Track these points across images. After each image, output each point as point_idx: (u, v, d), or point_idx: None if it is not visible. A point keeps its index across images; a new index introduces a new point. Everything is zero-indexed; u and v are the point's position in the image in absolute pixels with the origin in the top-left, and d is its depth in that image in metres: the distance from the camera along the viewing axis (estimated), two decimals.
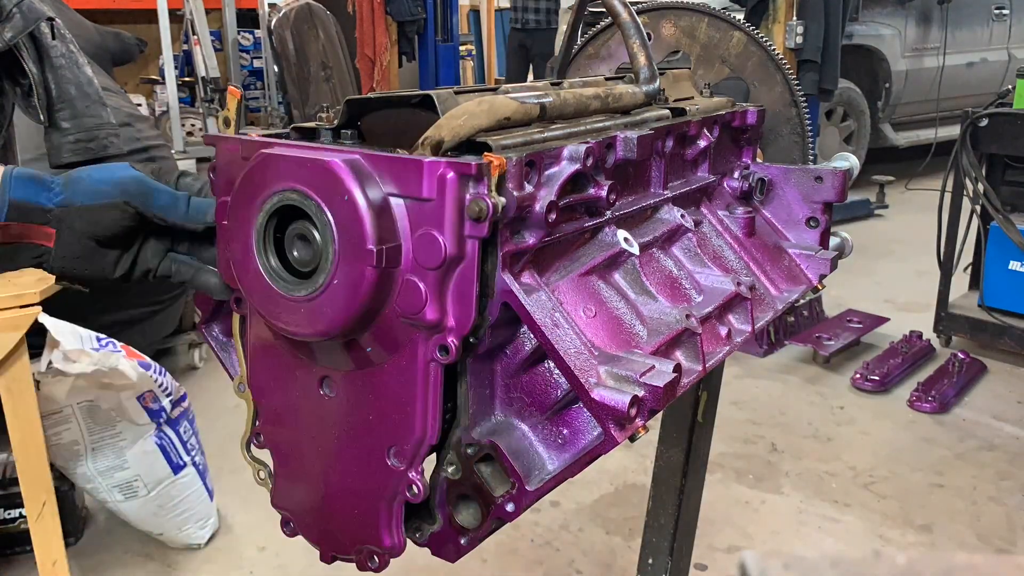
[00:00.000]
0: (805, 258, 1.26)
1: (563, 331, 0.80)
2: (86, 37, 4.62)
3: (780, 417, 3.71)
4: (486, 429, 0.83)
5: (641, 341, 0.90)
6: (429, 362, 0.78)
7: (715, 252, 1.15)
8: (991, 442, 3.48)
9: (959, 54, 7.75)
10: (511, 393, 0.85)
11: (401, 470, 0.82)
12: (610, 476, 3.19)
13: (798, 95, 1.34)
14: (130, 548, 2.83)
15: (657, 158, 1.07)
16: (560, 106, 0.94)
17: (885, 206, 7.23)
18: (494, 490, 0.82)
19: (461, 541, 0.85)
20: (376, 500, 0.85)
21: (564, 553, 2.77)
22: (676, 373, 0.80)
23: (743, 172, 1.28)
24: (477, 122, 0.81)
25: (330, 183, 0.74)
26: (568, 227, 0.88)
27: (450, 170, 0.73)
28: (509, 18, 8.25)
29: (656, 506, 1.45)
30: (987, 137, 4.01)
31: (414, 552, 0.89)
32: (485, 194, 0.73)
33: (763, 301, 1.15)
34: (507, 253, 0.78)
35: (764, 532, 2.90)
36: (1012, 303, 4.11)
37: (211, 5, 9.42)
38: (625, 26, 1.10)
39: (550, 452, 0.83)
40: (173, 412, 2.71)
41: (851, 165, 1.30)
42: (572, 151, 0.85)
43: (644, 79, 1.11)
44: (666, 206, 1.09)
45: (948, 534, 2.88)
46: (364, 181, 0.74)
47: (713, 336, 1.02)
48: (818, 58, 4.87)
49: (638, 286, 0.97)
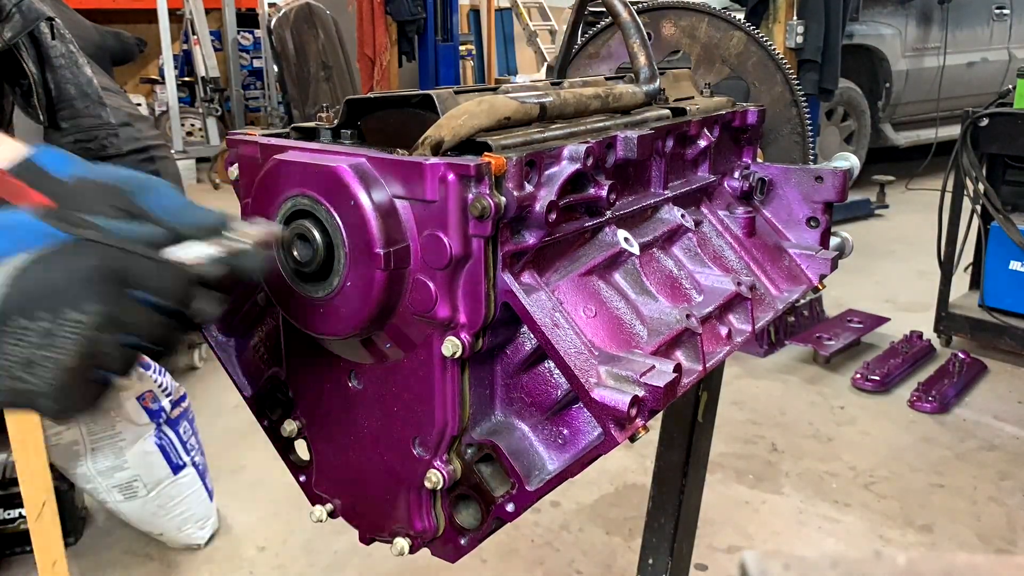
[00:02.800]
0: (805, 258, 1.25)
1: (563, 331, 0.80)
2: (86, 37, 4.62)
3: (780, 417, 3.71)
4: (486, 429, 0.84)
5: (641, 341, 0.89)
6: (444, 357, 0.80)
7: (715, 252, 1.15)
8: (991, 442, 3.47)
9: (959, 54, 7.74)
10: (511, 393, 0.85)
11: (427, 459, 0.84)
12: (610, 476, 3.19)
13: (798, 95, 1.34)
14: (130, 548, 2.83)
15: (657, 158, 1.07)
16: (560, 106, 0.94)
17: (885, 206, 7.23)
18: (494, 490, 0.82)
19: (461, 541, 0.86)
20: (405, 487, 0.87)
21: (564, 553, 2.77)
22: (676, 373, 0.80)
23: (743, 172, 1.28)
24: (477, 122, 0.81)
25: (337, 188, 0.75)
26: (568, 227, 0.88)
27: (450, 172, 0.74)
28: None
29: (656, 506, 1.45)
30: (987, 137, 4.00)
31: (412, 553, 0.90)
32: (487, 193, 0.74)
33: (763, 301, 1.15)
34: (507, 253, 0.79)
35: (764, 532, 2.90)
36: (1012, 303, 4.11)
37: (211, 5, 9.42)
38: (625, 26, 1.10)
39: (550, 452, 0.83)
40: (173, 412, 2.71)
41: (851, 165, 1.30)
42: (572, 151, 0.85)
43: (644, 79, 1.10)
44: (666, 206, 1.09)
45: (948, 534, 2.88)
46: (370, 185, 0.75)
47: (713, 336, 1.01)
48: (818, 58, 4.86)
49: (638, 286, 0.97)
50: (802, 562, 0.53)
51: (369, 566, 2.67)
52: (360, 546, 0.99)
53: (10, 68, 1.89)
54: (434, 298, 0.77)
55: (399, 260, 0.76)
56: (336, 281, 0.78)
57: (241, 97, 9.56)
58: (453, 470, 0.83)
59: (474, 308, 0.78)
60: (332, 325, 0.80)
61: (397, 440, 0.86)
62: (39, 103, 1.93)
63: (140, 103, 9.43)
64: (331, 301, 0.79)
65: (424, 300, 0.77)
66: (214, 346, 1.04)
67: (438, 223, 0.75)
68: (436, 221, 0.75)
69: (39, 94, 1.93)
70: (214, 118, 9.05)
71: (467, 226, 0.75)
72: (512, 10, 11.32)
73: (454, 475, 0.83)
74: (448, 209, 0.74)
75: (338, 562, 2.72)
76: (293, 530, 2.90)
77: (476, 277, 0.77)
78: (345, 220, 0.75)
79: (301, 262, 0.80)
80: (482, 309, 0.77)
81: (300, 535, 2.87)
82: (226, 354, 1.03)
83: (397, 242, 0.75)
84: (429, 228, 0.76)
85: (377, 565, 2.66)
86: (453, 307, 0.78)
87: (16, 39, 1.81)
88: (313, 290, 0.80)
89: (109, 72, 4.97)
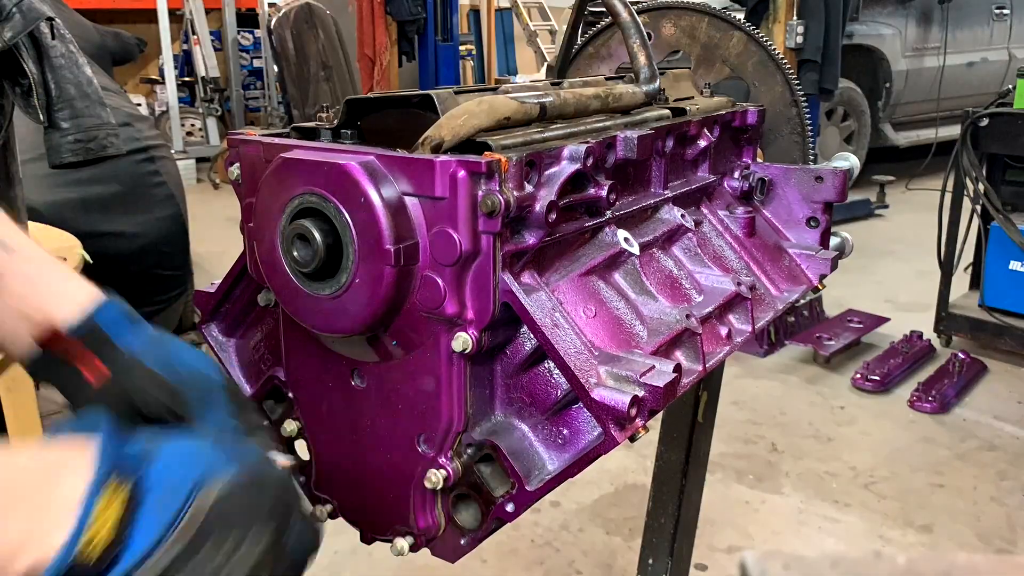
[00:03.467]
0: (805, 258, 1.25)
1: (563, 331, 0.80)
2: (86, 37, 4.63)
3: (780, 417, 3.71)
4: (486, 429, 0.84)
5: (641, 341, 0.90)
6: (452, 353, 0.80)
7: (715, 252, 1.15)
8: (991, 442, 3.47)
9: (959, 54, 7.74)
10: (511, 393, 0.85)
11: (431, 456, 0.84)
12: (610, 476, 3.19)
13: (798, 95, 1.34)
14: None
15: (657, 158, 1.07)
16: (560, 106, 0.94)
17: (885, 206, 7.23)
18: (494, 490, 0.83)
19: (461, 541, 0.86)
20: (409, 484, 0.87)
21: (564, 553, 2.77)
22: (676, 373, 0.80)
23: (743, 172, 1.28)
24: (477, 122, 0.81)
25: (347, 185, 0.75)
26: (568, 227, 0.88)
27: (461, 168, 0.75)
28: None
29: (656, 506, 1.45)
30: (987, 137, 4.00)
31: (413, 552, 0.90)
32: (496, 190, 0.74)
33: (763, 301, 1.15)
34: (507, 253, 0.79)
35: (764, 532, 2.90)
36: (1012, 303, 4.11)
37: (211, 5, 9.43)
38: (625, 26, 1.10)
39: (550, 452, 0.84)
40: None
41: (851, 165, 1.30)
42: (572, 151, 0.85)
43: (644, 79, 1.11)
44: (666, 206, 1.09)
45: (948, 534, 2.88)
46: (379, 182, 0.76)
47: (713, 336, 1.02)
48: (818, 58, 4.86)
49: (638, 286, 0.97)
50: (802, 562, 0.53)
51: (369, 566, 2.66)
52: (360, 547, 0.99)
53: (10, 68, 1.89)
54: (443, 294, 0.77)
55: (408, 256, 0.76)
56: (344, 278, 0.78)
57: (241, 97, 9.57)
58: (456, 467, 0.83)
59: (482, 304, 0.78)
60: (340, 323, 0.80)
61: (401, 437, 0.86)
62: (39, 103, 1.93)
63: (140, 103, 9.43)
64: (339, 298, 0.79)
65: (433, 297, 0.78)
66: (214, 346, 1.04)
67: (448, 219, 0.76)
68: (446, 217, 0.76)
69: (39, 94, 1.93)
70: (214, 118, 9.05)
71: (476, 222, 0.76)
72: (512, 10, 11.32)
73: (457, 472, 0.83)
74: (458, 205, 0.75)
75: (338, 562, 2.71)
76: None
77: (484, 273, 0.77)
78: (355, 217, 0.76)
79: (302, 261, 0.80)
80: (489, 305, 0.78)
81: None
82: (226, 354, 1.03)
83: (406, 239, 0.76)
84: (438, 225, 0.76)
85: (377, 565, 2.66)
86: (461, 303, 0.78)
87: (16, 39, 1.81)
88: (320, 288, 0.80)
89: (109, 72, 4.98)
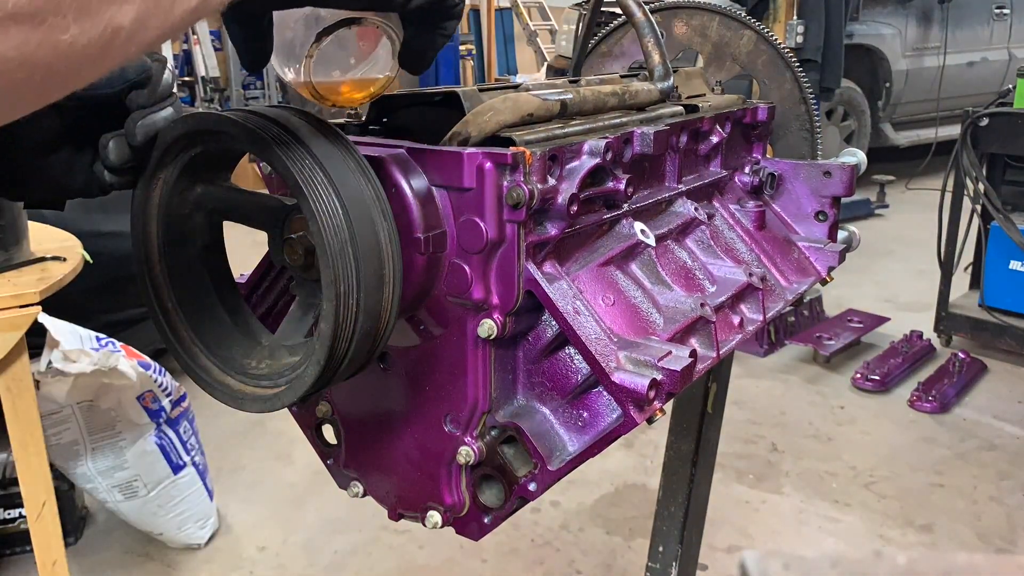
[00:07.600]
0: (814, 251, 1.28)
1: (584, 318, 0.83)
2: None
3: (780, 417, 3.72)
4: (509, 412, 0.86)
5: (658, 328, 0.92)
6: (478, 338, 0.83)
7: (727, 244, 1.17)
8: (991, 442, 3.49)
9: (960, 53, 7.76)
10: (533, 378, 0.87)
11: (457, 435, 0.87)
12: (610, 476, 3.21)
13: (807, 92, 1.36)
14: (130, 548, 2.83)
15: (672, 153, 1.10)
16: (580, 103, 0.96)
17: (885, 206, 7.25)
18: (517, 470, 0.85)
19: (485, 520, 0.89)
20: (436, 463, 0.89)
21: (564, 553, 2.78)
22: (692, 358, 0.83)
23: (754, 167, 1.30)
24: (502, 118, 0.84)
25: (379, 176, 0.77)
26: (588, 219, 0.91)
27: (488, 160, 0.77)
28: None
29: (666, 495, 1.47)
30: (988, 136, 4.02)
31: (413, 551, 0.92)
32: (522, 181, 0.77)
33: (774, 292, 1.17)
34: (530, 244, 0.81)
35: (764, 532, 2.92)
36: (1012, 303, 4.13)
37: None
38: (640, 25, 1.12)
39: (570, 434, 0.86)
40: (173, 412, 2.70)
41: (859, 160, 1.32)
42: (592, 146, 0.87)
43: (658, 76, 1.13)
44: (680, 199, 1.11)
45: (949, 534, 2.89)
46: (410, 173, 0.79)
47: (726, 324, 1.04)
48: (818, 57, 4.88)
49: (654, 276, 0.99)
50: (802, 562, 0.55)
51: (369, 566, 2.67)
52: (360, 546, 1.01)
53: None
54: (469, 280, 0.80)
55: (437, 244, 0.79)
56: None
57: (241, 97, 9.58)
58: (481, 447, 0.86)
59: (506, 290, 0.81)
60: None
61: (429, 418, 0.88)
62: None
63: None
64: None
65: (460, 283, 0.80)
66: None
67: (475, 209, 0.78)
68: (473, 207, 0.78)
69: None
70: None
71: (502, 212, 0.78)
72: (512, 10, 11.35)
73: (482, 452, 0.86)
74: (485, 195, 0.77)
75: (338, 562, 2.72)
76: (293, 530, 2.91)
77: (509, 260, 0.80)
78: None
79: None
80: (514, 291, 0.80)
81: (300, 535, 2.88)
82: None
83: (435, 228, 0.79)
84: (465, 214, 0.79)
85: (377, 565, 2.67)
86: (487, 289, 0.81)
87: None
88: None
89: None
